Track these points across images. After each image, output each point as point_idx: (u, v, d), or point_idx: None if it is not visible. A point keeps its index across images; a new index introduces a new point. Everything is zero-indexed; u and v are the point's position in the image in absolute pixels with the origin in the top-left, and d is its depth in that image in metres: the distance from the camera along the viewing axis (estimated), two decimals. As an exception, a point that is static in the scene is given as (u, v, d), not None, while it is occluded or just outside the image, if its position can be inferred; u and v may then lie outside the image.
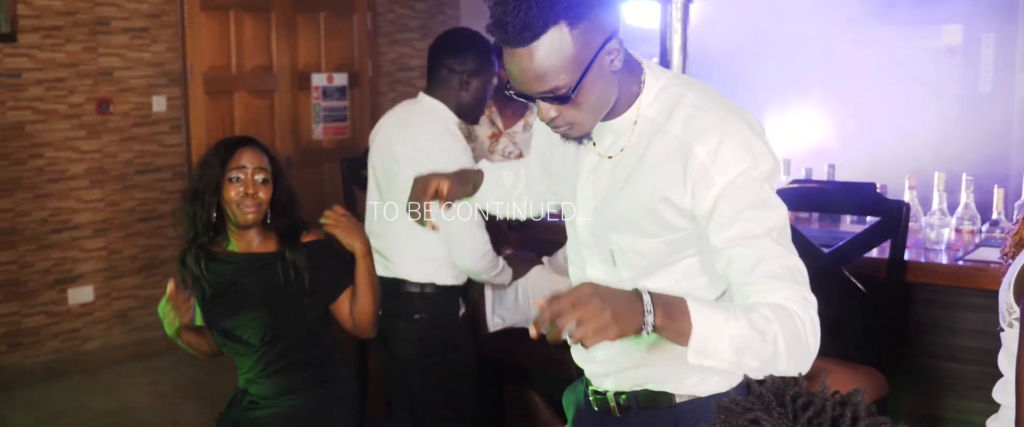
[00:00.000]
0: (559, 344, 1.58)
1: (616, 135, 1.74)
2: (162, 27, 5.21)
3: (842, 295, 2.80)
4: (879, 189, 2.96)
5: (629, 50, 1.69)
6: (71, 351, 4.99)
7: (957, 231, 3.16)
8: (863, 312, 2.81)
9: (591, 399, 1.90)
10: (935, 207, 3.13)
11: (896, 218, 2.75)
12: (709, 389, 1.79)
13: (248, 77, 5.59)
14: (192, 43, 5.30)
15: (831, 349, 2.60)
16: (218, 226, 2.59)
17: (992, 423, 1.92)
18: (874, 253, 2.89)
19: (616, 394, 1.85)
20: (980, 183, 3.22)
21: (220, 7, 5.41)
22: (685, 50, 3.12)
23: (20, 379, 4.73)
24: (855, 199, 2.97)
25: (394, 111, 3.13)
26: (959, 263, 2.92)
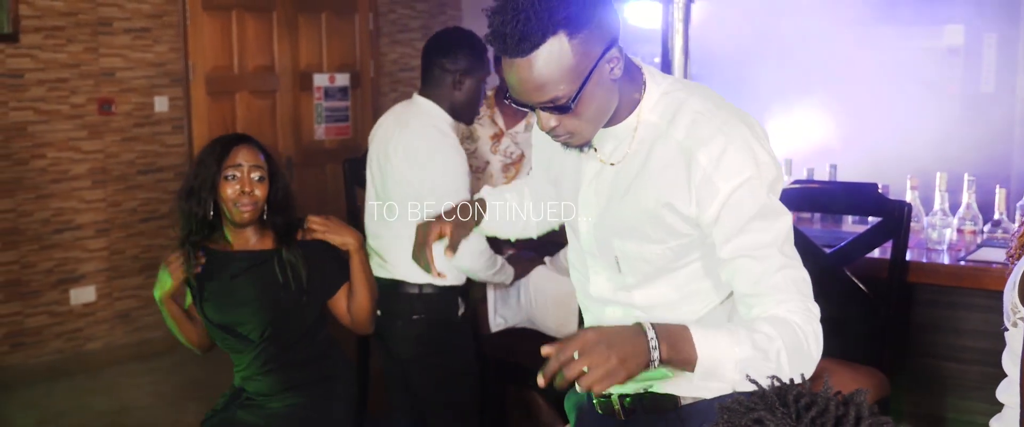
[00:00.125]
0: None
1: (618, 141, 1.72)
2: (164, 27, 5.21)
3: (844, 295, 2.79)
4: (881, 189, 2.95)
5: (630, 56, 1.67)
6: (73, 351, 4.99)
7: (959, 231, 3.16)
8: (865, 312, 2.80)
9: (595, 402, 1.89)
10: (937, 207, 3.13)
11: (898, 218, 2.74)
12: (714, 391, 1.77)
13: (250, 77, 5.59)
14: (194, 43, 5.31)
15: (833, 349, 2.59)
16: (214, 224, 2.59)
17: (996, 423, 1.92)
18: (876, 253, 2.89)
19: (621, 397, 1.84)
20: (982, 183, 3.22)
21: (222, 7, 5.41)
22: (687, 50, 3.12)
23: (22, 379, 4.73)
24: (857, 199, 2.96)
25: (390, 112, 3.13)
26: (961, 263, 2.92)
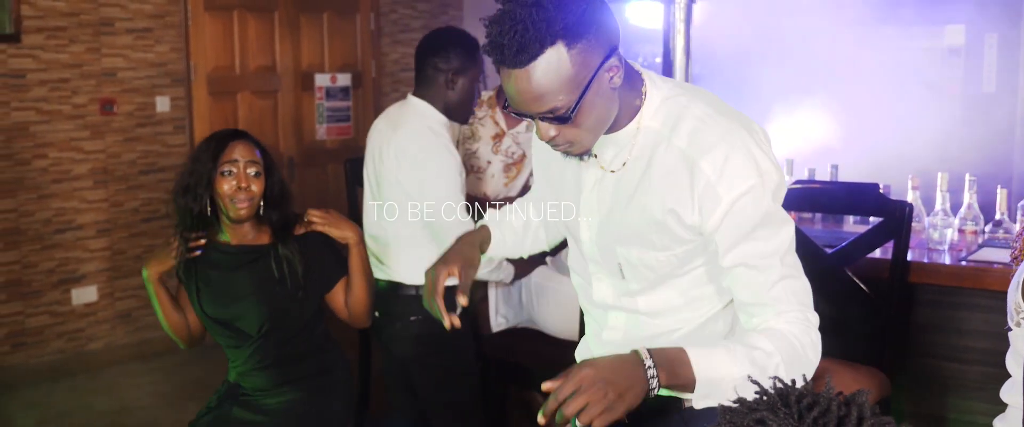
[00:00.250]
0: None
1: (618, 148, 1.71)
2: (166, 27, 5.21)
3: (845, 296, 2.80)
4: (882, 190, 2.95)
5: (630, 61, 1.66)
6: (74, 351, 4.99)
7: (960, 231, 3.16)
8: (866, 313, 2.80)
9: None
10: (938, 207, 3.13)
11: (899, 219, 2.74)
12: None
13: (251, 77, 5.60)
14: (196, 43, 5.31)
15: (834, 349, 2.59)
16: (210, 220, 2.59)
17: (999, 423, 1.92)
18: (877, 254, 2.89)
19: None
20: (983, 183, 3.22)
21: (223, 7, 5.42)
22: (688, 50, 3.12)
23: (24, 379, 4.74)
24: (858, 200, 2.96)
25: (385, 113, 3.13)
26: (962, 263, 2.92)
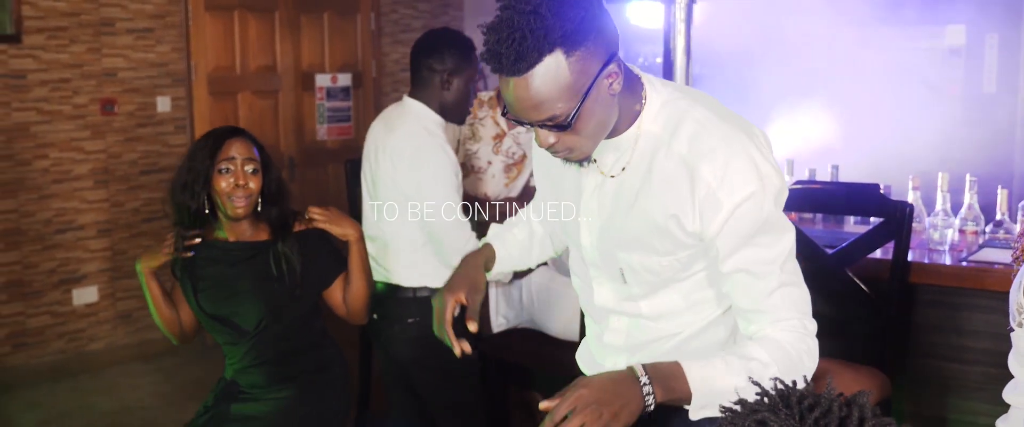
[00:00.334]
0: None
1: (619, 153, 1.70)
2: (166, 28, 5.21)
3: (845, 296, 2.79)
4: (883, 190, 2.95)
5: (629, 65, 1.65)
6: (75, 351, 5.00)
7: (961, 232, 3.16)
8: (867, 313, 2.80)
9: None
10: (938, 208, 3.13)
11: (900, 219, 2.74)
12: None
13: (252, 77, 5.60)
14: (196, 44, 5.31)
15: (835, 350, 2.60)
16: (207, 217, 2.59)
17: (1002, 424, 1.92)
18: (878, 254, 2.89)
19: None
20: (983, 184, 3.22)
21: (224, 8, 5.42)
22: (689, 51, 3.12)
23: (24, 379, 4.74)
24: (859, 200, 2.96)
25: (382, 115, 3.13)
26: (963, 264, 2.92)
